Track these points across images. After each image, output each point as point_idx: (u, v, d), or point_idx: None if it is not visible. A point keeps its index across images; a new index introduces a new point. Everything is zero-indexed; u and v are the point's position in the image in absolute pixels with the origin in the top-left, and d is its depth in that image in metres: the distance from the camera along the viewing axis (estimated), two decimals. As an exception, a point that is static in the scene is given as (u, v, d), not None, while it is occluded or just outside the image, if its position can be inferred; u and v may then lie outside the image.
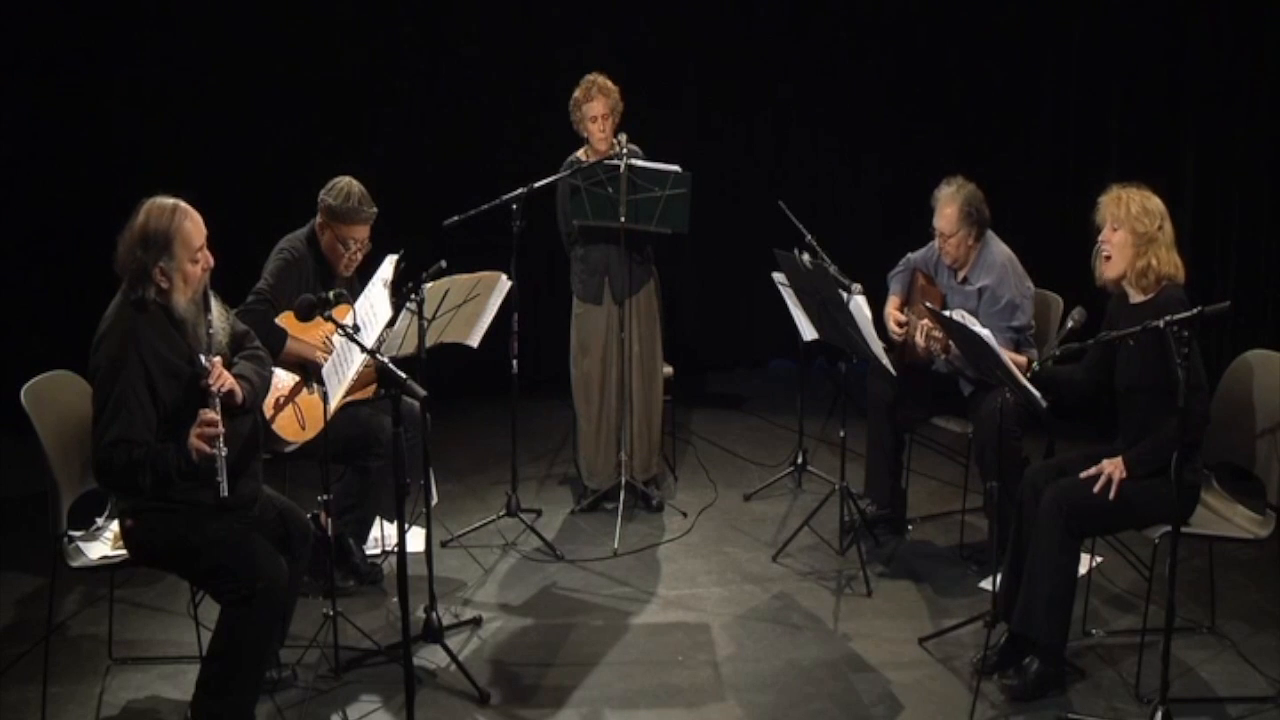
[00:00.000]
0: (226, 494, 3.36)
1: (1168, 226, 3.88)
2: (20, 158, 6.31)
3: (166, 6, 6.41)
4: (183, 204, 3.52)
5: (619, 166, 4.98)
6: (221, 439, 3.35)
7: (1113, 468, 3.86)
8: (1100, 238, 3.95)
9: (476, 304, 4.59)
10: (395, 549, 4.14)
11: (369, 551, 4.82)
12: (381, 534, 4.90)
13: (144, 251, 3.44)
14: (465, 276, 4.40)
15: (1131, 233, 3.86)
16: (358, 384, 4.33)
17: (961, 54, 6.89)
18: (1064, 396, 4.20)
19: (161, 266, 3.45)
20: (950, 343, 4.49)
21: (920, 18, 6.99)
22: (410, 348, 4.20)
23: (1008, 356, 3.89)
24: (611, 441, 5.43)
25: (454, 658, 4.12)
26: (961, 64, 6.89)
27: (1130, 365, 3.94)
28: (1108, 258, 3.94)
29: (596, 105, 5.20)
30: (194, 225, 3.51)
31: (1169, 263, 3.87)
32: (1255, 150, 5.84)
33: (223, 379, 3.46)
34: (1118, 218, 3.89)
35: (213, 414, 3.36)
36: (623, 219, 5.04)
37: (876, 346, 4.49)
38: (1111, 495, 3.83)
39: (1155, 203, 3.89)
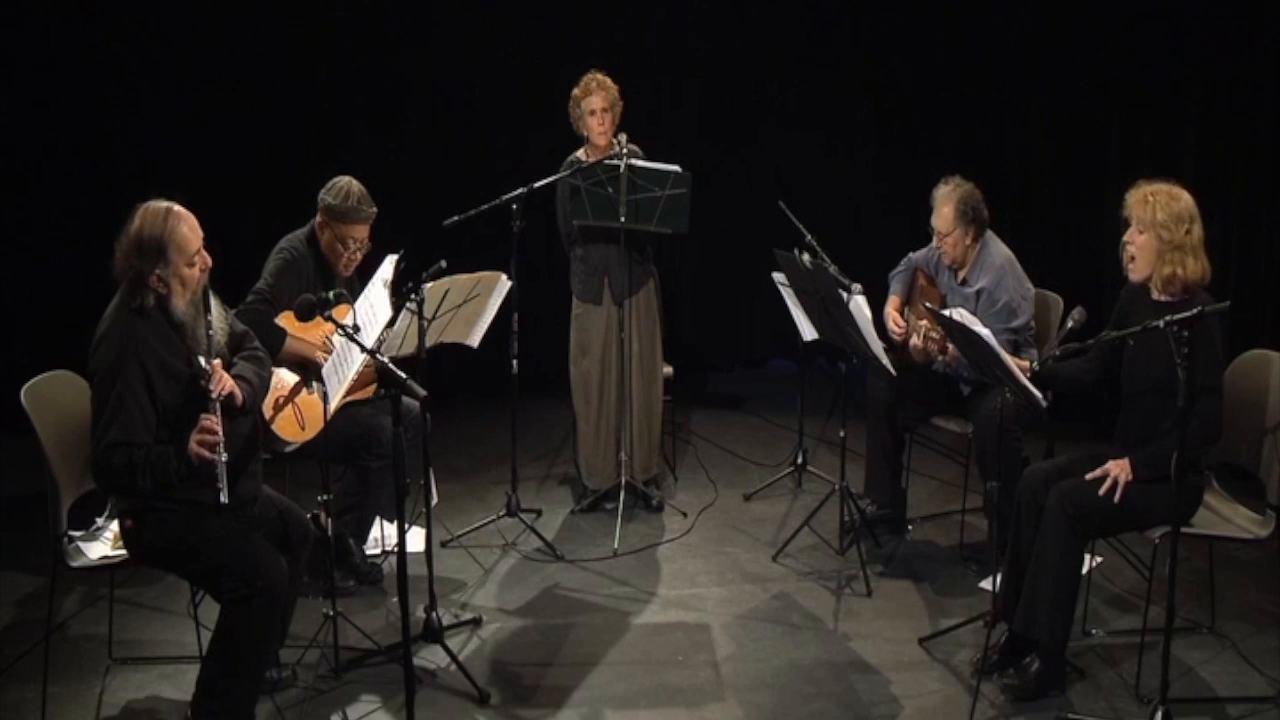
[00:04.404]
0: (226, 500, 3.35)
1: (1196, 229, 3.75)
2: (20, 158, 6.30)
3: (166, 6, 6.40)
4: (176, 207, 3.47)
5: (619, 166, 4.99)
6: (222, 444, 3.33)
7: (1118, 470, 3.83)
8: (1125, 236, 3.87)
9: (476, 304, 4.59)
10: (395, 549, 4.14)
11: (369, 551, 4.82)
12: (381, 534, 4.90)
13: (140, 259, 3.40)
14: (465, 276, 4.40)
15: (1157, 239, 3.76)
16: (358, 384, 4.33)
17: (961, 53, 6.88)
18: (1070, 389, 4.17)
19: (158, 274, 3.42)
20: (948, 344, 4.49)
21: (920, 17, 6.99)
22: (410, 348, 4.20)
23: (1008, 356, 3.89)
24: (611, 441, 5.43)
25: (454, 658, 4.12)
26: (961, 63, 6.89)
27: (1137, 365, 3.91)
28: (1132, 258, 3.85)
29: (595, 99, 5.20)
30: (189, 229, 3.46)
31: (1196, 269, 3.75)
32: (1256, 150, 5.84)
33: (223, 383, 3.44)
34: (1143, 220, 3.78)
35: (213, 420, 3.34)
36: (623, 219, 5.04)
37: (876, 346, 4.49)
38: (1117, 497, 3.81)
39: (1184, 204, 3.76)
